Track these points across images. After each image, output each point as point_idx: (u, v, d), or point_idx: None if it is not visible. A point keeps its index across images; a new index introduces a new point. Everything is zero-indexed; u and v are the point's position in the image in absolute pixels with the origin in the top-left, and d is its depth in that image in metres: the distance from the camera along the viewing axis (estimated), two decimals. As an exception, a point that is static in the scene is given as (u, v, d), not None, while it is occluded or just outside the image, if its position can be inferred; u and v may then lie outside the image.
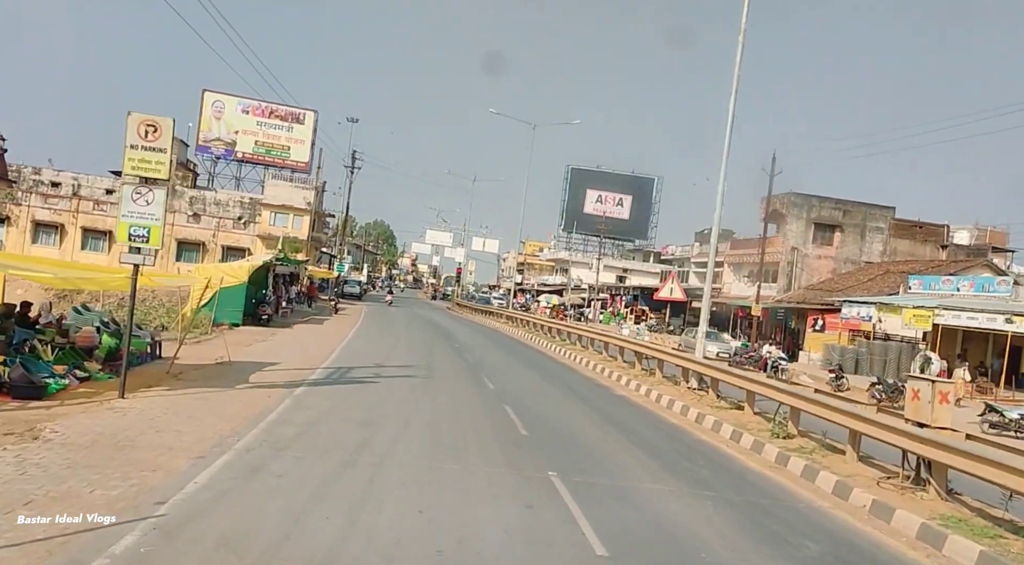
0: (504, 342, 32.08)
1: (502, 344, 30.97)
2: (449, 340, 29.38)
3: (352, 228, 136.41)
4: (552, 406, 15.59)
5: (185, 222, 56.18)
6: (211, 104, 67.95)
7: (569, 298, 73.59)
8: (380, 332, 29.88)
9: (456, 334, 33.12)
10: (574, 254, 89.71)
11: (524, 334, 36.98)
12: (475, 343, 29.31)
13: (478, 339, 31.89)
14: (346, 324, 32.46)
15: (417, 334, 30.90)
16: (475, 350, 25.95)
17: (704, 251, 60.93)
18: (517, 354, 26.95)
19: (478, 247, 69.34)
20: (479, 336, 33.92)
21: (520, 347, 30.33)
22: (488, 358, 23.62)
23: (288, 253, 46.86)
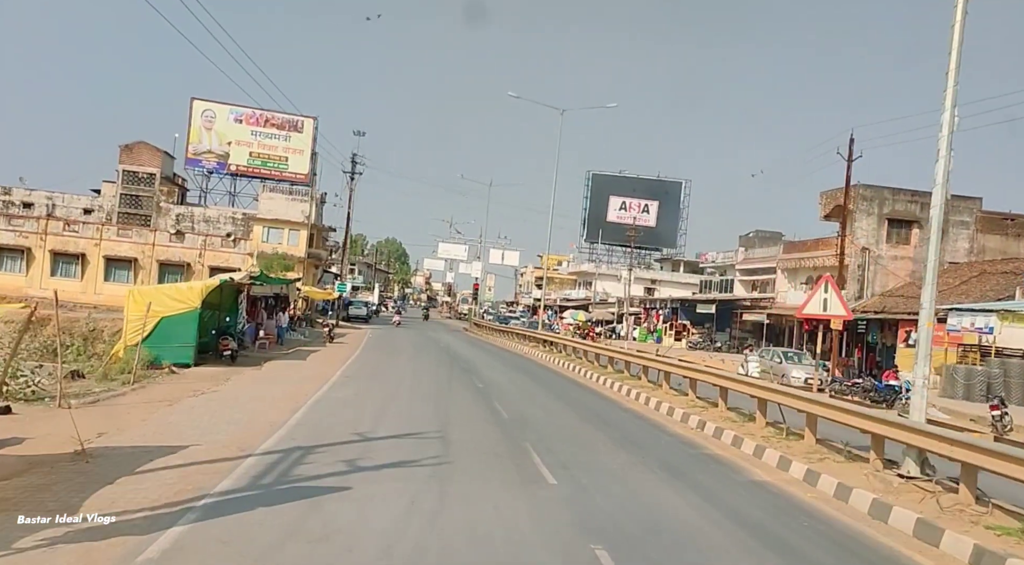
0: (542, 377, 24.51)
1: (541, 380, 23.39)
2: (469, 376, 21.99)
3: (363, 247, 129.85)
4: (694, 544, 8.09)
5: (168, 241, 49.28)
6: (201, 113, 61.31)
7: (595, 313, 66.11)
8: (378, 369, 22.52)
9: (477, 367, 25.75)
10: (598, 266, 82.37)
11: (560, 362, 29.56)
12: (505, 381, 21.84)
13: (508, 373, 24.38)
14: (337, 358, 25.21)
15: (427, 369, 23.52)
16: (508, 394, 18.40)
17: (752, 256, 53.40)
18: (571, 400, 18.57)
19: (496, 260, 62.18)
20: (508, 368, 26.46)
21: (566, 385, 22.58)
22: (532, 411, 15.87)
23: (276, 271, 39.83)
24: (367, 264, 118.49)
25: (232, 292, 25.17)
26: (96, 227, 49.32)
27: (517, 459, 10.66)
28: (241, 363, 21.80)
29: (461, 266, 70.26)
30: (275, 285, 31.54)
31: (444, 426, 12.87)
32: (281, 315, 29.48)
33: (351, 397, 15.85)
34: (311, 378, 18.74)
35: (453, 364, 25.83)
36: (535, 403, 16.95)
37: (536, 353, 33.64)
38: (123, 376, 16.95)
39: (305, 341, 32.79)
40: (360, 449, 10.55)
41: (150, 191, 54.24)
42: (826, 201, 45.23)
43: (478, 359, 29.23)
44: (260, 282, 27.09)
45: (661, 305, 57.18)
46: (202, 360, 21.49)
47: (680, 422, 15.36)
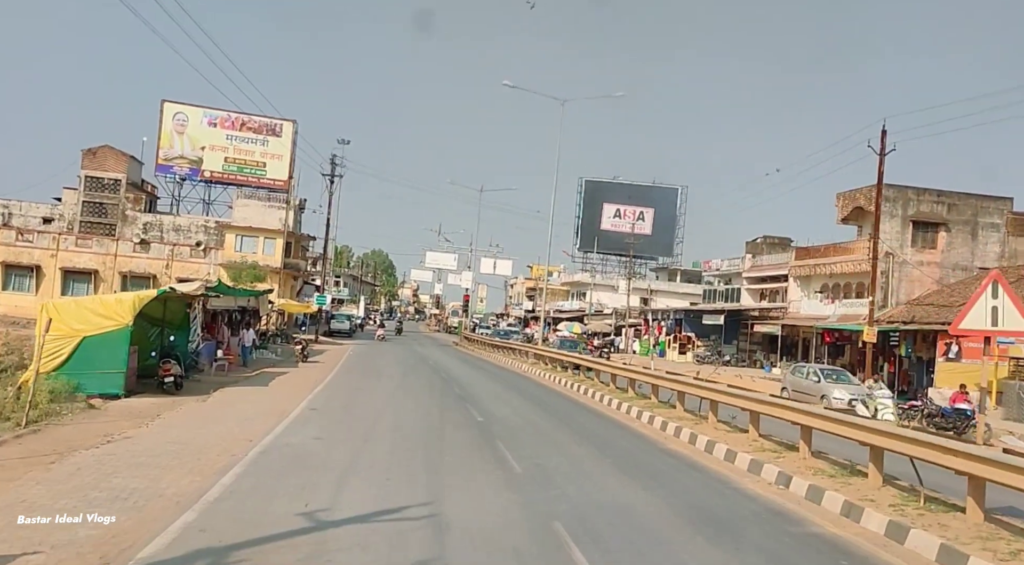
0: (555, 405, 20.23)
1: (555, 410, 19.03)
2: (466, 407, 17.92)
3: (348, 259, 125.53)
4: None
5: (132, 251, 45.02)
6: (172, 116, 57.18)
7: (592, 325, 62.26)
8: (353, 399, 18.41)
9: (475, 392, 21.67)
10: (593, 275, 78.67)
11: (569, 384, 25.60)
12: (511, 413, 17.63)
13: (513, 402, 20.09)
14: (307, 382, 21.14)
15: (414, 397, 19.37)
16: (519, 435, 14.04)
17: (761, 263, 49.76)
18: (601, 442, 14.07)
19: (487, 269, 58.29)
20: (511, 394, 22.24)
21: (587, 417, 17.90)
22: (556, 461, 11.44)
23: (246, 282, 35.72)
24: (353, 276, 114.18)
25: (182, 306, 21.10)
26: (53, 237, 45.02)
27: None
28: (188, 391, 17.75)
29: (450, 277, 66.25)
30: (240, 297, 27.48)
31: (437, 496, 8.85)
32: (245, 332, 25.37)
33: (311, 444, 11.82)
34: (266, 413, 14.69)
35: (446, 389, 21.80)
36: (559, 449, 12.78)
37: (536, 372, 29.66)
38: (16, 415, 12.90)
39: (275, 361, 28.66)
40: (306, 551, 6.56)
41: (115, 198, 50.04)
42: (844, 203, 41.70)
43: (474, 381, 25.20)
44: (218, 293, 23.01)
45: (663, 316, 53.38)
46: (142, 388, 17.51)
47: (749, 473, 11.38)
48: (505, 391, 22.37)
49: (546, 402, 20.02)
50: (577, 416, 17.63)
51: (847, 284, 42.28)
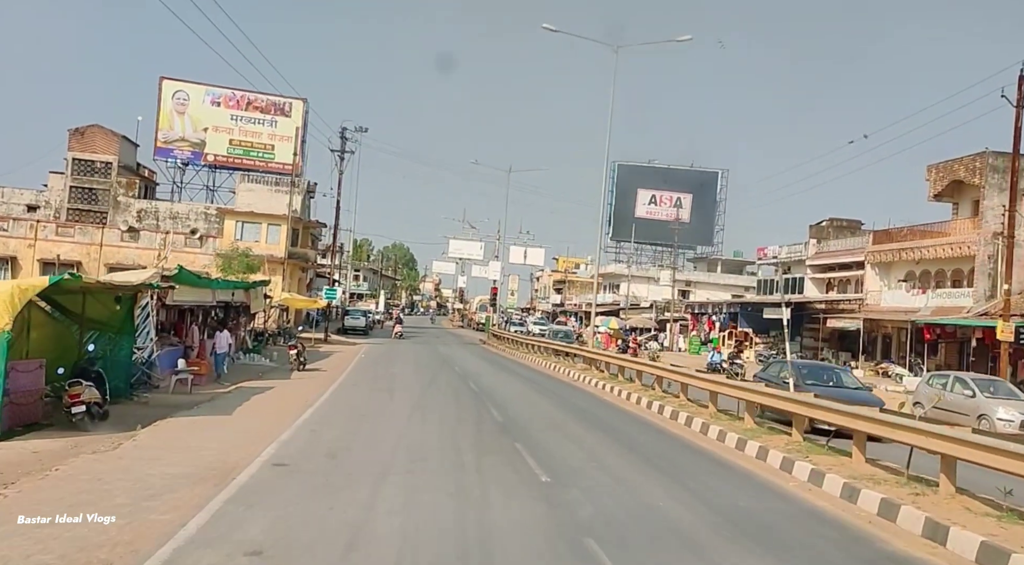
0: (649, 448, 13.61)
1: (654, 458, 12.18)
2: (514, 447, 11.82)
3: (368, 252, 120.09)
4: None
5: (119, 240, 39.57)
6: (172, 95, 51.61)
7: (632, 320, 56.06)
8: (347, 439, 11.88)
9: (523, 418, 15.45)
10: (629, 266, 72.44)
11: (641, 401, 19.49)
12: (587, 463, 11.27)
13: (585, 440, 13.13)
14: (293, 405, 15.18)
15: (435, 431, 13.03)
16: (625, 528, 8.00)
17: (828, 249, 43.23)
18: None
19: (516, 259, 52.30)
20: (575, 421, 15.70)
21: (721, 477, 10.78)
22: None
23: (236, 272, 30.02)
24: (372, 270, 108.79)
25: (125, 301, 15.29)
26: (31, 224, 39.70)
27: None
28: (116, 421, 12.03)
29: (475, 268, 60.23)
30: (221, 290, 21.69)
31: None
32: (219, 334, 19.51)
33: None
34: (195, 476, 8.76)
35: (481, 411, 15.73)
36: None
37: (591, 381, 23.50)
38: None
39: (266, 369, 22.88)
40: None
41: (106, 183, 44.60)
42: (938, 176, 35.16)
43: (516, 398, 19.00)
44: (175, 285, 17.19)
45: (714, 309, 47.02)
46: (47, 419, 11.93)
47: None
48: (565, 415, 16.28)
49: (639, 443, 13.74)
50: (713, 480, 10.93)
51: (939, 271, 35.81)
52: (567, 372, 25.90)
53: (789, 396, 12.94)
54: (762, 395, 13.72)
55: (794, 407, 12.23)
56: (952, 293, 33.66)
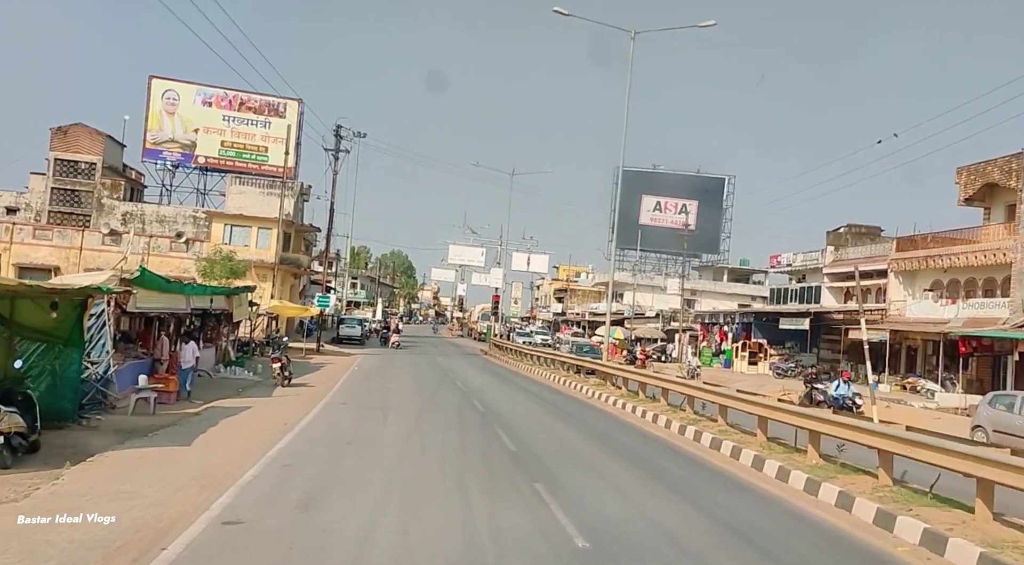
0: (694, 487, 11.54)
1: (706, 505, 10.12)
2: (533, 488, 9.49)
3: (366, 260, 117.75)
4: None
5: (100, 244, 37.23)
6: (161, 94, 49.30)
7: (638, 330, 53.72)
8: (325, 480, 9.59)
9: (536, 443, 13.09)
10: (626, 274, 70.12)
11: (659, 420, 17.12)
12: (632, 517, 9.03)
13: (620, 480, 10.85)
14: (267, 431, 12.77)
15: (436, 467, 10.62)
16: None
17: (846, 257, 40.97)
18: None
19: (519, 266, 49.91)
20: (599, 449, 13.42)
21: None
22: None
23: (219, 277, 27.69)
24: (370, 278, 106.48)
25: (71, 308, 12.93)
26: (6, 227, 37.36)
27: None
28: (38, 459, 9.65)
29: (475, 276, 57.88)
30: (196, 296, 19.33)
31: None
32: (186, 346, 17.08)
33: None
34: (118, 543, 6.40)
35: (488, 437, 13.31)
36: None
37: (604, 398, 21.14)
38: None
39: (247, 384, 20.48)
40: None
41: (90, 184, 42.30)
42: (969, 179, 32.88)
43: (528, 419, 16.54)
44: (142, 288, 14.84)
45: (727, 319, 44.70)
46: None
47: None
48: (587, 443, 13.86)
49: (688, 484, 11.35)
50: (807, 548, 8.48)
51: (970, 280, 33.52)
52: (578, 388, 23.50)
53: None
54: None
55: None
56: (985, 303, 31.38)
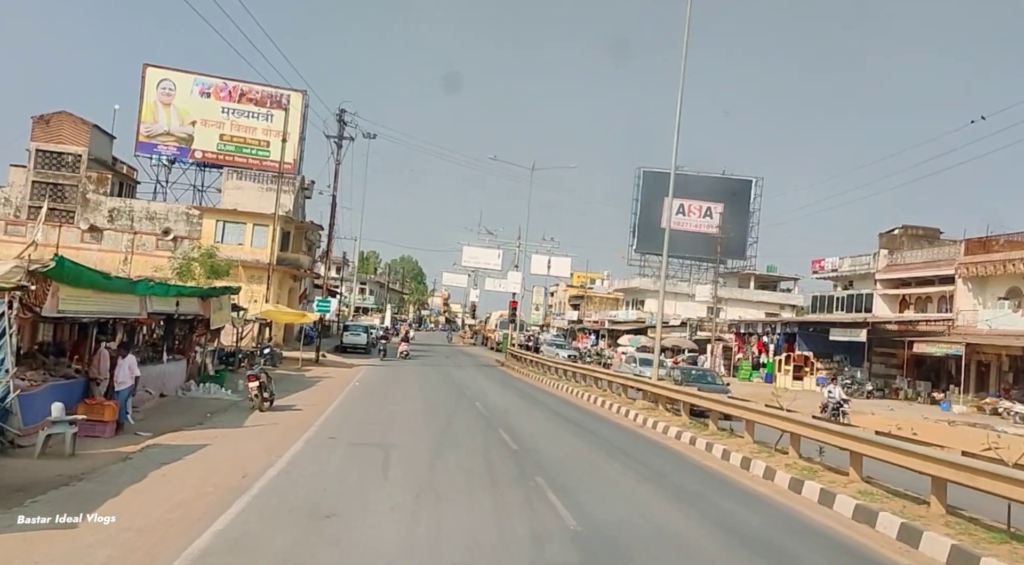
0: None
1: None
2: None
3: (376, 265, 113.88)
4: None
5: (79, 241, 33.33)
6: (157, 84, 45.45)
7: (664, 340, 49.33)
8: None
9: (608, 522, 8.93)
10: (646, 280, 65.89)
11: (727, 456, 12.84)
12: None
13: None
14: (212, 491, 8.66)
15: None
16: None
17: (902, 262, 36.58)
18: None
19: (539, 270, 45.78)
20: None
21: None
22: None
23: (197, 276, 23.69)
24: (379, 283, 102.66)
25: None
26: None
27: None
28: None
29: (488, 281, 53.73)
30: (157, 297, 15.23)
31: None
32: (123, 361, 12.85)
33: None
34: None
35: (540, 512, 9.07)
36: None
37: (661, 428, 16.91)
38: None
39: (220, 406, 16.35)
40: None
41: (75, 178, 38.47)
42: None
43: (586, 469, 12.24)
44: (64, 285, 10.80)
45: (766, 329, 40.33)
46: None
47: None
48: (684, 518, 9.65)
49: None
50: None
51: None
52: (623, 411, 19.22)
53: None
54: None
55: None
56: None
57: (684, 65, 20.98)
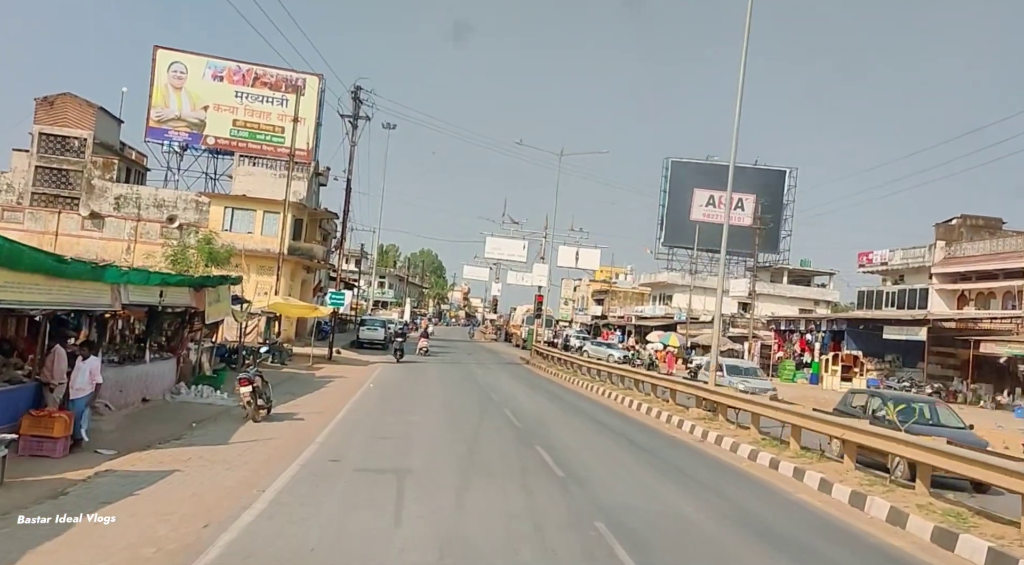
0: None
1: None
2: None
3: (395, 258, 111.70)
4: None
5: (80, 228, 31.15)
6: (167, 67, 43.21)
7: (699, 336, 46.57)
8: None
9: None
10: (674, 274, 62.98)
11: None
12: None
13: None
14: (157, 552, 6.16)
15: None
16: None
17: (963, 254, 33.48)
18: None
19: (566, 262, 42.95)
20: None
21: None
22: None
23: (193, 264, 21.34)
24: (399, 277, 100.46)
25: None
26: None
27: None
28: None
29: (511, 274, 51.14)
30: (135, 286, 12.71)
31: None
32: (83, 364, 10.27)
33: None
34: None
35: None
36: None
37: (733, 447, 14.19)
38: None
39: (211, 413, 13.87)
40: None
41: (80, 163, 36.34)
42: None
43: (656, 509, 9.65)
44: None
45: (809, 326, 37.34)
46: None
47: None
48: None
49: None
50: None
51: None
52: (676, 422, 16.51)
53: None
54: None
55: None
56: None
57: (745, 51, 18.20)
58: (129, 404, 13.74)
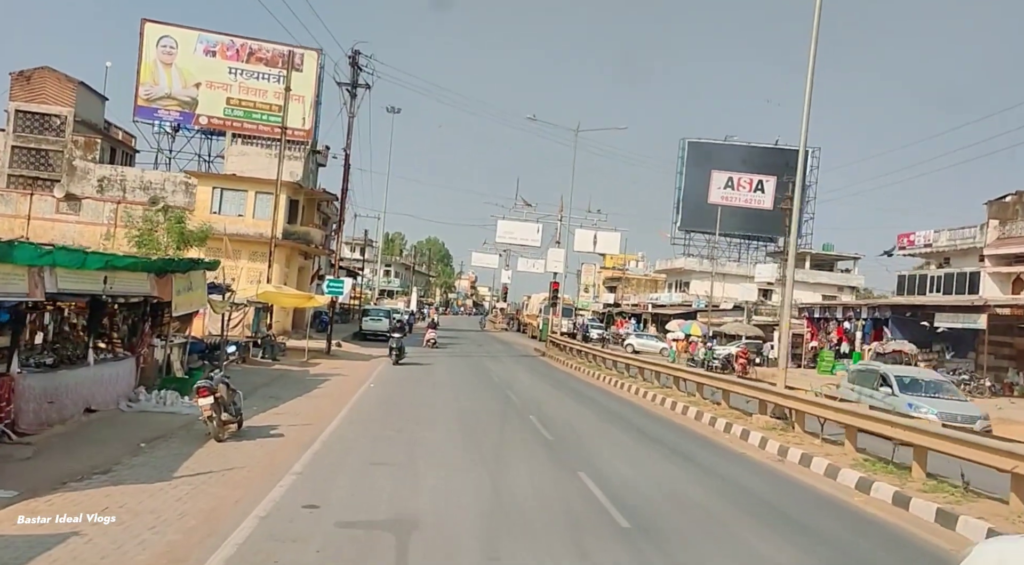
0: None
1: None
2: None
3: (401, 247, 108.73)
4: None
5: (54, 211, 28.29)
6: (156, 42, 40.11)
7: (722, 325, 43.52)
8: None
9: None
10: (691, 260, 59.96)
11: None
12: None
13: None
14: None
15: None
16: None
17: (1014, 234, 30.34)
18: None
19: (583, 247, 39.82)
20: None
21: None
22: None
23: (164, 244, 18.51)
24: (405, 266, 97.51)
25: None
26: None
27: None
28: None
29: (521, 262, 48.17)
30: (64, 269, 9.78)
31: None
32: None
33: None
34: None
35: None
36: None
37: (825, 469, 11.32)
38: None
39: (163, 430, 11.00)
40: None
41: (60, 142, 33.44)
42: None
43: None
44: None
45: (847, 313, 34.25)
46: None
47: None
48: None
49: None
50: None
51: None
52: (736, 431, 13.55)
53: None
54: None
55: None
56: None
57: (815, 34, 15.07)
58: (66, 418, 10.86)
